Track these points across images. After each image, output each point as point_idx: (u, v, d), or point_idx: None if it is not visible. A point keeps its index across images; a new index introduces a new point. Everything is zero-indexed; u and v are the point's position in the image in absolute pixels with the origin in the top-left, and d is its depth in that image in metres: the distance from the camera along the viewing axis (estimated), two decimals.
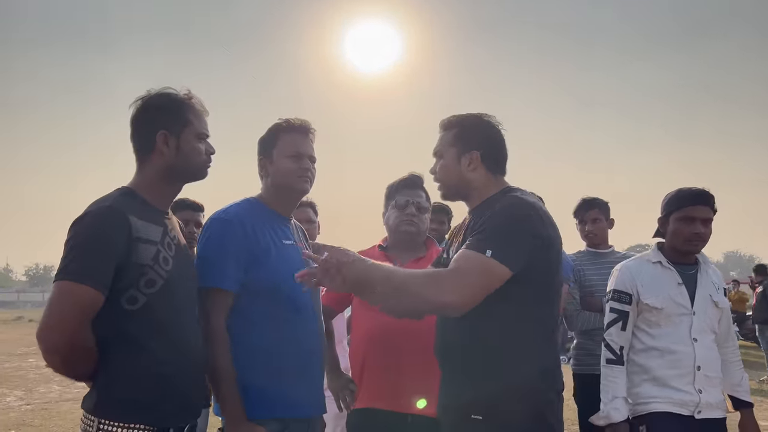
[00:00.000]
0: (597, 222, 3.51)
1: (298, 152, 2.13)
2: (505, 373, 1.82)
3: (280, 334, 2.01)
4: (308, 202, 3.37)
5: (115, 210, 1.68)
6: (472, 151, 1.96)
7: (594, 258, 3.50)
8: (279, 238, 2.10)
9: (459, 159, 1.98)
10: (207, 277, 1.95)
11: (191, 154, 1.85)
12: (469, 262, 1.74)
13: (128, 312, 1.68)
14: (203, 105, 1.92)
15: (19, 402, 7.76)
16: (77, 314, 1.59)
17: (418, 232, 2.58)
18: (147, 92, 1.87)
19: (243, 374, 1.92)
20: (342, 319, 3.19)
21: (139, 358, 1.69)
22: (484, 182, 1.98)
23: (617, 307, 2.52)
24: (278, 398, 1.97)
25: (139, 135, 1.84)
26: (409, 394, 2.37)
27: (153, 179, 1.83)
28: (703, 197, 2.47)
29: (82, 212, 1.69)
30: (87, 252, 1.62)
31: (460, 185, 2.01)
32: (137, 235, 1.69)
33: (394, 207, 2.58)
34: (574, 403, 3.42)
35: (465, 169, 1.97)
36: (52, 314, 1.58)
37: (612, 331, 2.51)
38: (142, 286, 1.70)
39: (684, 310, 2.45)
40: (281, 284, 2.02)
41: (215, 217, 2.07)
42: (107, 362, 1.67)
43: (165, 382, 1.72)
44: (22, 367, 10.90)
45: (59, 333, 1.58)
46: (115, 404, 1.67)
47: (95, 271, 1.61)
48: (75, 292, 1.59)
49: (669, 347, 2.43)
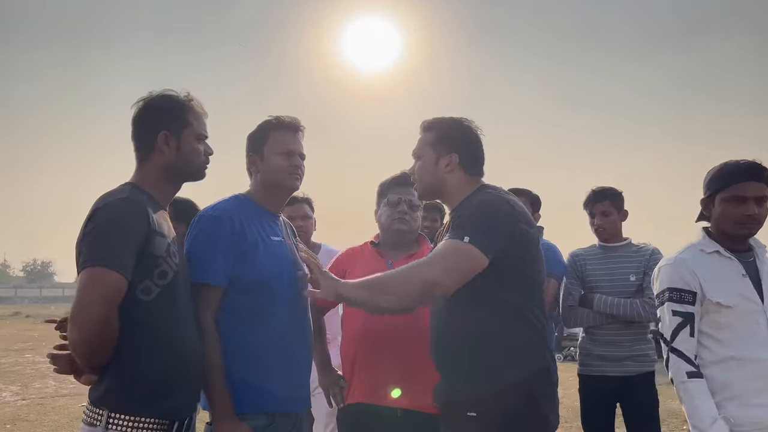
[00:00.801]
0: (606, 215, 3.26)
1: (289, 149, 2.15)
2: (496, 370, 1.86)
3: (267, 330, 2.02)
4: (304, 198, 3.38)
5: (136, 201, 1.74)
6: (451, 154, 2.04)
7: (602, 252, 3.32)
8: (267, 234, 2.11)
9: (437, 161, 2.06)
10: (196, 272, 1.96)
11: (191, 154, 1.90)
12: (448, 247, 1.84)
13: (143, 302, 1.71)
14: (203, 107, 1.98)
15: (14, 397, 7.78)
16: (108, 299, 1.62)
17: (409, 229, 2.59)
18: (149, 93, 1.92)
19: (230, 369, 1.94)
20: (336, 317, 3.21)
21: (151, 349, 1.72)
22: (461, 183, 2.05)
23: (679, 309, 2.07)
24: (265, 393, 1.99)
25: (141, 134, 1.89)
26: (398, 389, 2.40)
27: (154, 177, 1.88)
28: (754, 171, 2.05)
29: (101, 203, 1.73)
30: (113, 239, 1.66)
31: (436, 186, 2.09)
32: (154, 228, 1.74)
33: (386, 205, 2.59)
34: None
35: (442, 170, 2.05)
36: (84, 300, 1.61)
37: (681, 338, 2.07)
38: (156, 278, 1.74)
39: (755, 306, 2.05)
40: (269, 280, 2.04)
41: (203, 213, 2.09)
42: (120, 353, 1.68)
43: (173, 374, 1.75)
44: (19, 362, 10.92)
45: (92, 318, 1.60)
46: (127, 395, 1.68)
47: (122, 257, 1.65)
48: (105, 277, 1.62)
49: (749, 355, 2.00)
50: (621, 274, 3.24)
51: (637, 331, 3.19)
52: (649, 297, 3.03)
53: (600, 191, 3.30)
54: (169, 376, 1.74)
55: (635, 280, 3.20)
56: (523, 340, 1.89)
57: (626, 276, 3.22)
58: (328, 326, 2.96)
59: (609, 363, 3.17)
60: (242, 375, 1.96)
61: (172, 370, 1.75)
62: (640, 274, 3.20)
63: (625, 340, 3.17)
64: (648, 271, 3.12)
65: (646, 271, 3.16)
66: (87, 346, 1.63)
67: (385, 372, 2.41)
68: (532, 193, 3.52)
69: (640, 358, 3.17)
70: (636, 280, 3.20)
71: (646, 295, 3.11)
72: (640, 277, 3.19)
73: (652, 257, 3.20)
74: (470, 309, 1.88)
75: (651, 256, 3.21)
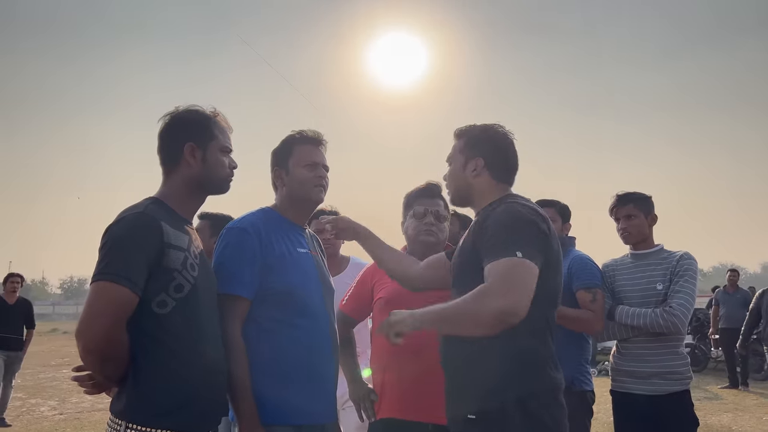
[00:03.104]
0: (631, 218, 3.12)
1: (313, 162, 2.18)
2: (503, 383, 1.81)
3: (293, 341, 2.03)
4: (332, 212, 3.38)
5: (149, 216, 1.75)
6: (477, 158, 2.04)
7: (632, 261, 3.14)
8: (294, 246, 2.14)
9: (465, 165, 2.06)
10: (223, 283, 1.99)
11: (216, 166, 1.92)
12: (506, 267, 1.73)
13: (158, 316, 1.73)
14: (227, 121, 2.02)
15: (52, 411, 7.94)
16: (113, 313, 1.64)
17: (437, 241, 2.54)
18: (175, 108, 1.96)
19: (256, 380, 1.95)
20: (366, 330, 3.20)
21: (168, 362, 1.73)
22: (487, 188, 2.03)
23: None
24: (291, 404, 1.99)
25: (167, 147, 1.92)
26: (429, 404, 2.34)
27: (179, 190, 1.90)
28: None
29: (118, 218, 1.76)
30: (123, 254, 1.68)
31: (464, 190, 2.08)
32: (168, 241, 1.75)
33: (413, 216, 2.55)
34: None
35: (469, 174, 2.05)
36: (90, 313, 1.64)
37: None
38: (171, 291, 1.75)
39: None
40: (295, 291, 2.06)
41: (231, 226, 2.12)
42: (137, 366, 1.71)
43: (192, 387, 1.76)
44: (56, 377, 11.16)
45: (97, 331, 1.63)
46: (144, 408, 1.70)
47: (131, 272, 1.66)
48: (111, 291, 1.64)
49: None
50: (648, 282, 3.03)
51: (666, 344, 2.92)
52: (671, 306, 2.85)
53: (624, 195, 3.19)
54: (187, 388, 1.75)
55: (662, 288, 2.97)
56: (536, 350, 1.85)
57: (653, 284, 3.01)
58: (358, 339, 2.95)
59: (636, 380, 2.95)
60: (268, 386, 1.97)
61: (190, 383, 1.75)
62: (667, 282, 2.98)
63: (652, 354, 2.93)
64: (674, 278, 2.95)
65: (672, 278, 2.95)
66: (94, 357, 1.66)
67: (416, 387, 2.37)
68: (561, 203, 3.43)
69: (669, 376, 2.90)
70: (662, 288, 2.97)
71: (668, 304, 2.87)
72: (667, 284, 2.96)
73: (679, 263, 2.97)
74: None
75: (678, 262, 2.97)
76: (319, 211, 3.32)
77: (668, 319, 2.84)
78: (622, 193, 3.21)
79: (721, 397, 8.78)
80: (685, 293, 2.88)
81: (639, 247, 3.15)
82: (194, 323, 1.80)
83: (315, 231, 2.58)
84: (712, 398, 8.68)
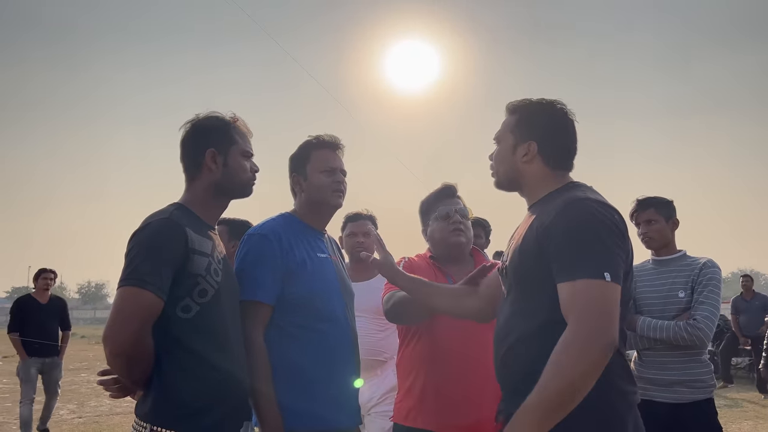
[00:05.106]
0: (652, 223, 3.06)
1: (331, 167, 2.19)
2: None
3: (314, 346, 2.04)
4: (368, 215, 3.40)
5: (174, 222, 1.78)
6: (530, 141, 1.77)
7: (654, 268, 3.08)
8: (314, 251, 2.15)
9: (515, 148, 1.80)
10: (245, 290, 2.00)
11: (238, 170, 1.95)
12: (595, 296, 1.48)
13: (182, 320, 1.76)
14: (247, 127, 2.05)
15: (71, 415, 8.01)
16: (140, 318, 1.67)
17: (467, 240, 2.49)
18: (195, 116, 1.99)
19: (278, 386, 1.96)
20: (394, 336, 3.19)
21: (192, 366, 1.76)
22: (541, 176, 1.78)
23: None
24: (314, 409, 2.00)
25: (189, 154, 1.95)
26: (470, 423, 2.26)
27: (202, 195, 1.93)
28: None
29: (144, 223, 1.79)
30: (148, 260, 1.70)
31: (512, 176, 1.83)
32: (192, 246, 1.78)
33: (437, 219, 2.48)
34: None
35: (519, 159, 1.79)
36: (117, 317, 1.66)
37: None
38: (195, 296, 1.77)
39: None
40: (316, 297, 2.07)
41: (251, 232, 2.14)
42: (161, 369, 1.74)
43: (215, 390, 1.78)
44: (75, 381, 11.29)
45: (124, 335, 1.65)
46: (168, 411, 1.72)
47: (156, 277, 1.69)
48: (138, 296, 1.67)
49: None
50: (670, 290, 2.97)
51: (689, 351, 2.85)
52: (695, 318, 2.78)
53: (644, 200, 3.14)
54: (210, 392, 1.77)
55: (684, 296, 2.92)
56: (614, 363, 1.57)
57: (675, 292, 2.95)
58: (386, 345, 2.93)
59: (657, 387, 2.88)
60: (290, 392, 1.97)
61: (214, 387, 1.77)
62: (689, 290, 2.90)
63: (674, 361, 2.86)
64: (697, 287, 2.87)
65: (695, 287, 2.88)
66: (121, 361, 1.69)
67: (454, 398, 2.29)
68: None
69: (693, 384, 2.85)
70: (685, 296, 2.91)
71: (692, 316, 2.81)
72: (689, 293, 2.90)
73: (702, 271, 2.90)
74: (539, 330, 1.61)
75: (701, 270, 2.91)
76: (356, 214, 3.37)
77: (693, 333, 2.79)
78: (642, 197, 3.15)
79: (742, 405, 8.65)
80: (710, 304, 2.82)
81: (661, 252, 3.10)
82: (218, 327, 1.82)
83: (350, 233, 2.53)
84: (732, 405, 8.55)
